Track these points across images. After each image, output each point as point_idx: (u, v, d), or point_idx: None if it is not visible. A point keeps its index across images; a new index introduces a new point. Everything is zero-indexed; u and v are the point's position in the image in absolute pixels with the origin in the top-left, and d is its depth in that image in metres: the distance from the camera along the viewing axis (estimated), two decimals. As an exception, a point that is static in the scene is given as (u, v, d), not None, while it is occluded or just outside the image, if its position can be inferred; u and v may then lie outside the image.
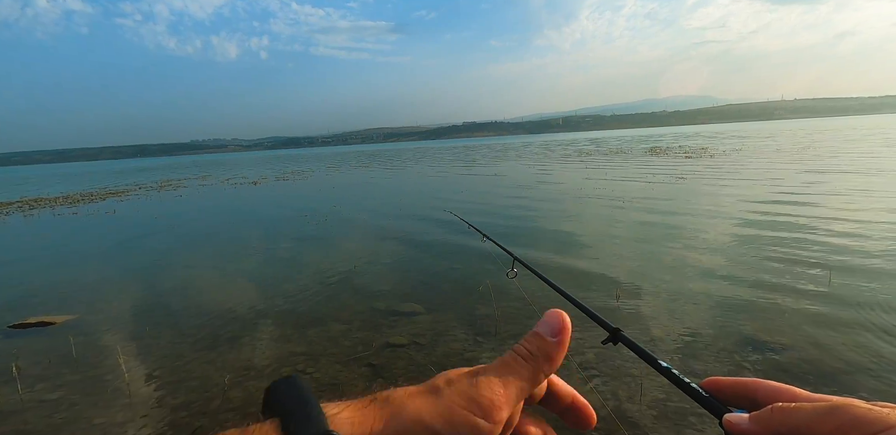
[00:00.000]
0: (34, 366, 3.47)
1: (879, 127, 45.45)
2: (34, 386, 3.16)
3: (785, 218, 6.64)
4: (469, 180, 16.15)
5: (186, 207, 13.50)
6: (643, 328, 3.41)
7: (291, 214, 10.41)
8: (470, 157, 33.25)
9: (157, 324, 4.19)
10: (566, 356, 0.37)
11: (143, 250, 7.63)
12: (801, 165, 13.61)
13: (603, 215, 7.81)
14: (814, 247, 5.13)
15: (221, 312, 4.34)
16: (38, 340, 3.99)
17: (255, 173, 28.62)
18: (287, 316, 4.16)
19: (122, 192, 20.43)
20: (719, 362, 2.88)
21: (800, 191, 8.94)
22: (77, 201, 16.94)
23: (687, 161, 17.56)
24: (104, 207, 14.31)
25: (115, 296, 5.15)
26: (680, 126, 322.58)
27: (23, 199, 19.17)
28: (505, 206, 9.61)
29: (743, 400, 0.37)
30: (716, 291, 4.03)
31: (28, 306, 4.87)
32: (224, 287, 5.20)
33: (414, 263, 5.72)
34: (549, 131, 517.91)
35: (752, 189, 9.58)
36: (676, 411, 2.41)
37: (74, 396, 3.01)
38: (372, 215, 9.60)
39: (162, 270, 6.26)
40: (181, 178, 28.03)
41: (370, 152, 66.62)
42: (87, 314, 4.55)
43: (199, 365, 3.32)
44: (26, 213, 13.96)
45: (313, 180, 20.24)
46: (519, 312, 3.84)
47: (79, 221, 11.80)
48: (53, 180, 38.56)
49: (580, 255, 5.46)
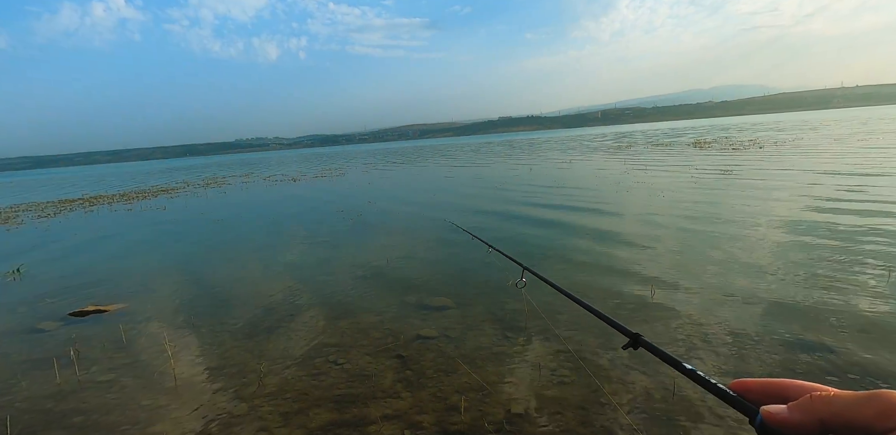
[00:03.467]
0: (90, 350, 3.73)
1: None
2: (90, 368, 3.40)
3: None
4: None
5: (230, 204, 14.07)
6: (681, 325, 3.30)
7: (327, 210, 10.67)
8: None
9: (200, 313, 4.40)
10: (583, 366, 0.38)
11: (189, 244, 8.03)
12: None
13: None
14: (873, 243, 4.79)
15: (259, 304, 4.51)
16: (93, 326, 4.27)
17: (295, 171, 29.47)
18: (321, 308, 4.27)
19: (172, 189, 21.53)
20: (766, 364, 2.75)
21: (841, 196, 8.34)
22: (132, 198, 18.00)
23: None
24: (156, 204, 15.14)
25: (162, 286, 5.44)
26: (724, 117, 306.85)
27: (84, 197, 20.55)
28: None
29: (773, 399, 0.37)
30: (764, 287, 3.84)
31: (86, 296, 5.23)
32: (262, 280, 5.40)
33: (446, 258, 5.74)
34: (587, 125, 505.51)
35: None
36: (712, 412, 2.32)
37: (125, 378, 3.22)
38: (406, 210, 9.70)
39: (205, 262, 6.56)
40: (225, 176, 29.24)
41: (403, 149, 67.25)
42: (137, 303, 4.84)
43: (238, 353, 3.47)
44: (87, 210, 14.96)
45: (350, 177, 20.64)
46: (550, 307, 3.79)
47: (133, 216, 12.54)
48: (112, 178, 41.09)
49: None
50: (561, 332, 3.34)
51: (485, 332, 3.49)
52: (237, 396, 2.85)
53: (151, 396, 2.95)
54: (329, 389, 2.84)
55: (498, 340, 3.33)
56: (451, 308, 4.01)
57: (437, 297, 4.29)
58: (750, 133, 32.51)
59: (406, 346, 3.36)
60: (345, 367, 3.12)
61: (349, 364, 3.15)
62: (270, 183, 20.70)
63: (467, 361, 3.04)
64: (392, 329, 3.66)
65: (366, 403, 2.66)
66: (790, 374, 2.62)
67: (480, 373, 2.88)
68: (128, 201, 16.94)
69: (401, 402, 2.64)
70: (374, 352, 3.30)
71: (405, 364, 3.08)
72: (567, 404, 2.50)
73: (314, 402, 2.71)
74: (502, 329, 3.51)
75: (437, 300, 4.20)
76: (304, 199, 13.64)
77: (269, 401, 2.76)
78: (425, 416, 2.49)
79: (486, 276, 4.82)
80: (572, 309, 3.66)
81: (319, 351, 3.38)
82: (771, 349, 2.89)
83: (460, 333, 3.49)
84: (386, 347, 3.37)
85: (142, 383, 3.13)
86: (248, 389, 2.92)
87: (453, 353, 3.19)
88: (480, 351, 3.19)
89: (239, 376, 3.10)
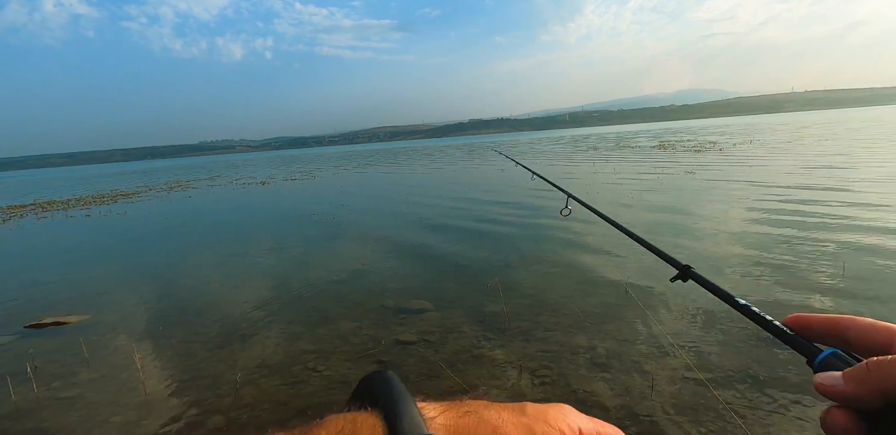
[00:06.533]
0: (50, 365, 3.53)
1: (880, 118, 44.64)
2: (50, 384, 3.21)
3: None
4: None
5: (196, 209, 13.62)
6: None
7: (299, 213, 10.46)
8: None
9: (170, 323, 4.23)
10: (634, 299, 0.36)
11: (154, 251, 7.71)
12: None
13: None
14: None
15: (233, 312, 4.37)
16: (52, 339, 4.04)
17: (264, 174, 28.79)
18: (297, 314, 4.18)
19: (133, 193, 20.65)
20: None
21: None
22: (89, 203, 17.16)
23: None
24: (115, 209, 14.48)
25: (128, 296, 5.21)
26: (686, 120, 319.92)
27: (36, 202, 19.46)
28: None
29: (832, 339, 0.34)
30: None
31: (43, 307, 4.94)
32: (234, 286, 5.25)
33: (422, 260, 5.72)
34: (555, 127, 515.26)
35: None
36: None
37: (90, 394, 3.05)
38: (378, 213, 9.62)
39: (172, 270, 6.32)
40: (190, 180, 28.28)
41: (374, 151, 66.74)
42: (101, 314, 4.61)
43: (211, 363, 3.35)
44: (40, 216, 14.18)
45: (320, 180, 20.32)
46: (528, 309, 3.83)
47: (91, 222, 11.95)
48: (64, 183, 39.10)
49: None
50: (540, 333, 3.38)
51: (465, 334, 3.49)
52: (213, 408, 2.75)
53: (120, 411, 2.81)
54: (309, 398, 2.78)
55: (478, 342, 3.34)
56: (430, 311, 4.00)
57: (416, 300, 4.27)
58: (686, 136, 33.84)
59: (387, 351, 3.32)
60: (324, 374, 3.06)
61: (329, 371, 3.09)
62: (239, 186, 20.15)
63: (449, 365, 3.03)
64: (371, 334, 3.62)
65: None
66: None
67: (462, 376, 2.88)
68: (85, 206, 16.14)
69: (383, 408, 2.60)
70: (354, 358, 3.26)
71: (386, 369, 3.05)
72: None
73: (294, 411, 2.65)
74: (482, 331, 3.52)
75: (416, 303, 4.18)
76: (275, 203, 13.34)
77: (247, 412, 2.68)
78: (409, 421, 2.47)
79: (464, 277, 4.83)
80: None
81: (297, 358, 3.31)
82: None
83: (440, 337, 3.48)
84: (366, 352, 3.32)
85: (108, 399, 2.98)
86: (223, 400, 2.83)
87: (434, 356, 3.18)
88: (461, 354, 3.19)
89: (214, 388, 2.99)
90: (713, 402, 2.40)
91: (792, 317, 0.36)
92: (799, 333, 0.35)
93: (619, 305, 3.76)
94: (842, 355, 0.32)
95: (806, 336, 0.35)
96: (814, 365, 0.32)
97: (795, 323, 0.35)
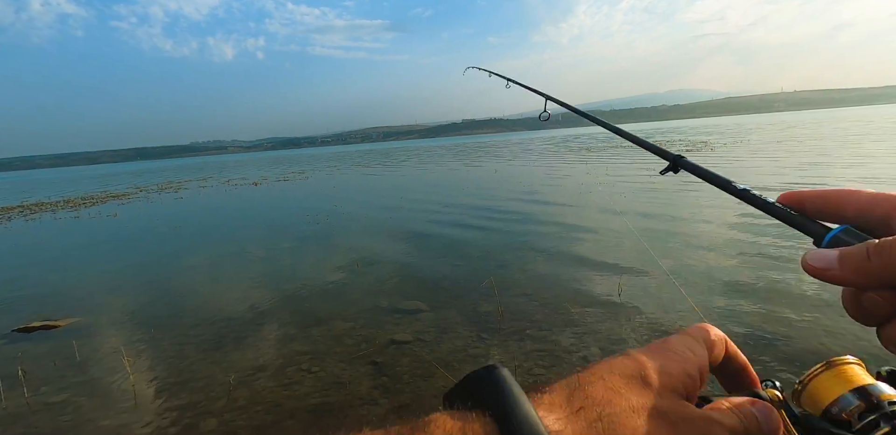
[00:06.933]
0: (39, 369, 3.48)
1: (866, 118, 45.30)
2: (39, 389, 3.17)
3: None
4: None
5: (187, 209, 13.50)
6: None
7: (292, 214, 10.41)
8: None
9: (161, 325, 4.19)
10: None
11: (145, 253, 7.64)
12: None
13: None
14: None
15: (225, 313, 4.34)
16: (42, 343, 3.99)
17: (256, 174, 28.62)
18: (290, 315, 4.16)
19: (123, 194, 20.45)
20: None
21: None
22: (78, 205, 16.96)
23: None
24: (105, 210, 14.32)
25: (118, 299, 5.15)
26: (677, 120, 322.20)
27: (24, 204, 19.20)
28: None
29: (829, 216, 0.30)
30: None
31: (32, 310, 4.88)
32: (227, 288, 5.21)
33: (416, 260, 5.71)
34: (550, 127, 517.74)
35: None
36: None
37: (80, 398, 3.02)
38: (372, 213, 9.59)
39: (164, 271, 6.26)
40: (181, 181, 28.05)
41: (367, 151, 66.58)
42: (91, 317, 4.55)
43: (203, 365, 3.32)
44: (27, 218, 13.99)
45: (313, 180, 20.24)
46: (523, 308, 3.84)
47: (80, 224, 11.81)
48: (52, 185, 38.61)
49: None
50: (534, 332, 3.39)
51: (459, 334, 3.49)
52: (205, 410, 2.73)
53: (111, 415, 2.78)
54: (303, 399, 2.77)
55: (473, 342, 3.34)
56: (424, 311, 3.99)
57: (410, 300, 4.26)
58: (679, 135, 34.13)
59: (381, 351, 3.31)
60: (318, 375, 3.04)
61: (323, 372, 3.08)
62: (230, 187, 20.01)
63: (443, 365, 3.03)
64: (365, 335, 3.61)
65: (342, 411, 2.60)
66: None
67: (457, 376, 2.87)
68: (74, 208, 15.94)
69: (378, 408, 2.60)
70: (348, 359, 3.24)
71: (381, 370, 3.04)
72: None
73: (288, 412, 2.64)
74: (477, 331, 3.52)
75: (410, 303, 4.17)
76: (267, 204, 13.26)
77: (241, 414, 2.66)
78: (404, 422, 2.46)
79: (457, 277, 4.83)
80: (545, 309, 3.74)
81: (291, 360, 3.29)
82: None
83: (435, 337, 3.48)
84: (360, 353, 3.31)
85: (99, 403, 2.94)
86: (216, 402, 2.80)
87: (429, 356, 3.18)
88: (456, 354, 3.19)
89: (206, 390, 2.96)
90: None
91: (784, 194, 0.33)
92: (802, 213, 0.31)
93: (614, 304, 3.78)
94: (856, 232, 0.27)
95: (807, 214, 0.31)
96: (821, 246, 0.28)
97: (787, 201, 0.32)
